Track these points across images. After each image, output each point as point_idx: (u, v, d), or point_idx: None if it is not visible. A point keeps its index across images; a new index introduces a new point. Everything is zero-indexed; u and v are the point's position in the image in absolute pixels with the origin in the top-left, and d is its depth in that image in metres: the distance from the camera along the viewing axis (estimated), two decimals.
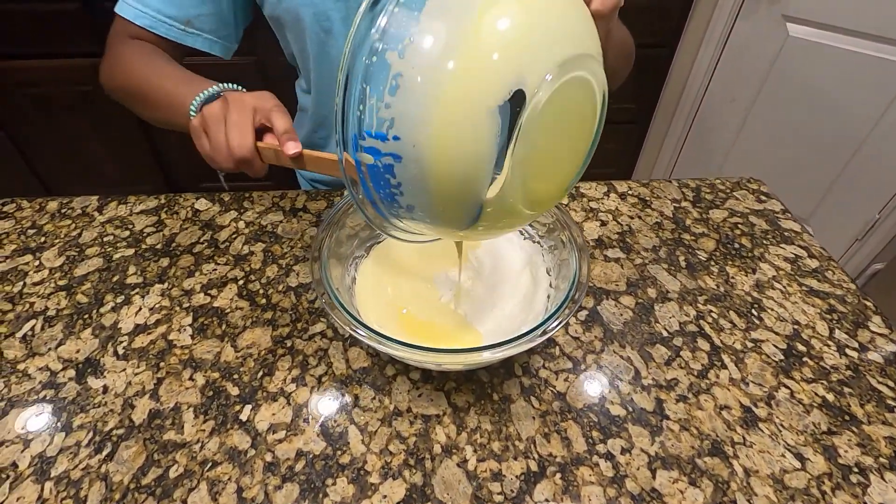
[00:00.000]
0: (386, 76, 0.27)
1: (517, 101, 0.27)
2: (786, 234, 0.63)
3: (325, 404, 0.44)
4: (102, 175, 1.58)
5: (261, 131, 0.42)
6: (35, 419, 0.43)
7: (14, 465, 0.40)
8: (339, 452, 0.41)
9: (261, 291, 0.54)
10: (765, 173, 0.77)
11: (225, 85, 0.47)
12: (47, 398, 0.44)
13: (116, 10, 0.55)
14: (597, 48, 0.33)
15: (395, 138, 0.28)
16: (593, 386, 0.46)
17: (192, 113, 0.45)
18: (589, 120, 0.35)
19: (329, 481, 0.39)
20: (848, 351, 0.50)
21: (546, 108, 0.29)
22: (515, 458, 0.41)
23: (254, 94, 0.41)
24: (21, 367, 0.47)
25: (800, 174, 1.40)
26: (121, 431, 0.42)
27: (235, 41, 0.62)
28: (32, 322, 0.50)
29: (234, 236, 0.60)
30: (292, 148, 0.39)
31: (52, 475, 0.39)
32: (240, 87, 0.47)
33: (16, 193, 0.67)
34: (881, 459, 0.42)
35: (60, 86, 1.36)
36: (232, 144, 0.38)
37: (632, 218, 0.65)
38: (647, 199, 0.68)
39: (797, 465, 0.41)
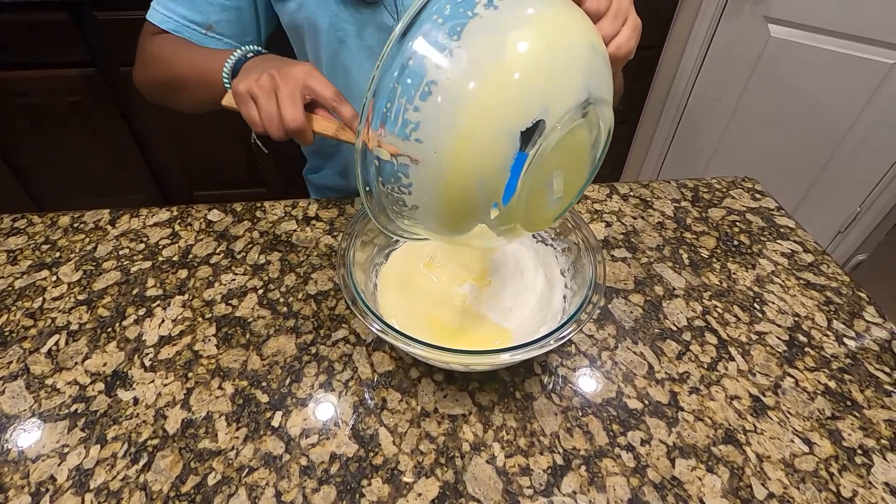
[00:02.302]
0: (420, 81, 0.29)
1: (535, 130, 0.30)
2: (781, 230, 0.66)
3: (354, 408, 0.46)
4: (94, 185, 1.56)
5: (310, 104, 0.43)
6: (69, 433, 0.43)
7: (52, 478, 0.40)
8: (371, 454, 0.43)
9: (281, 300, 0.55)
10: (750, 170, 0.81)
11: (248, 47, 0.48)
12: (78, 411, 0.45)
13: (147, 16, 0.58)
14: (611, 93, 0.35)
15: (417, 141, 0.30)
16: (610, 381, 0.48)
17: (225, 80, 0.47)
18: (590, 160, 0.38)
19: (364, 482, 0.41)
20: (846, 340, 0.53)
21: (561, 142, 0.31)
22: (541, 453, 0.43)
23: (298, 67, 0.41)
24: (49, 381, 0.47)
25: (784, 170, 1.45)
26: (155, 442, 0.43)
27: (258, 46, 0.64)
28: (56, 337, 0.51)
29: (249, 246, 0.61)
30: (349, 111, 0.40)
31: (91, 487, 0.40)
32: (261, 49, 0.49)
33: (4, 205, 0.67)
34: (882, 441, 0.44)
35: (51, 96, 1.35)
36: (286, 118, 0.40)
37: (635, 218, 0.67)
38: (649, 199, 0.71)
39: (805, 449, 0.44)
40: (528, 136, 0.30)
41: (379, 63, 0.30)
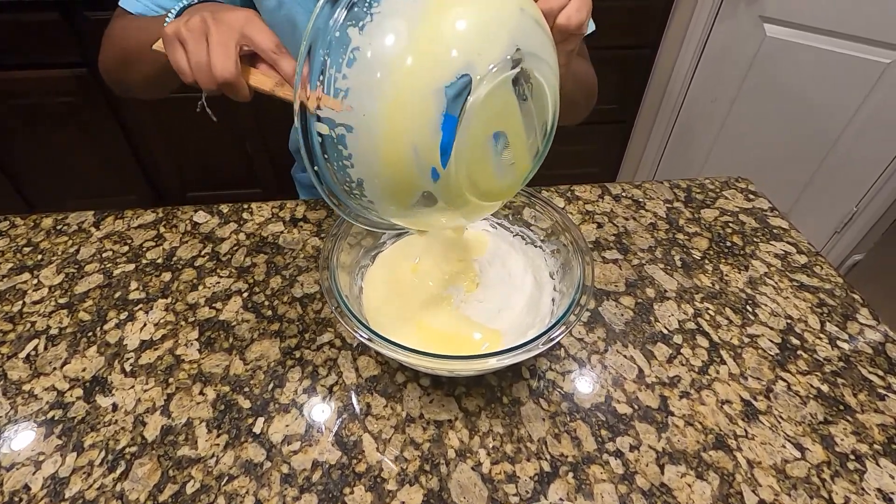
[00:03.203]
0: (346, 49, 0.30)
1: (465, 87, 0.30)
2: (774, 231, 0.66)
3: (338, 414, 0.45)
4: (87, 187, 1.55)
5: (250, 57, 0.39)
6: (45, 440, 0.42)
7: (26, 487, 0.39)
8: (354, 461, 0.42)
9: (266, 303, 0.54)
10: (746, 170, 0.80)
11: None
12: (56, 418, 0.44)
13: (119, 2, 0.56)
14: (550, 54, 0.35)
15: (350, 108, 0.30)
16: (599, 386, 0.48)
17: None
18: (539, 125, 0.37)
19: (347, 490, 0.40)
20: (839, 343, 0.52)
21: (492, 97, 0.31)
22: (528, 460, 0.42)
23: (236, 12, 0.37)
24: (27, 387, 0.46)
25: (780, 170, 1.44)
26: (133, 449, 0.42)
27: None
28: (35, 342, 0.50)
29: (235, 248, 0.60)
30: (290, 65, 0.36)
31: (66, 496, 0.39)
32: None
33: None
34: (875, 446, 0.43)
35: (42, 97, 1.34)
36: (215, 67, 0.36)
37: (627, 219, 0.66)
38: (641, 200, 0.70)
39: (797, 454, 0.43)
40: (459, 96, 0.30)
41: (305, 36, 0.30)
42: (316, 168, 0.34)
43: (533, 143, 0.38)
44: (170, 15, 0.43)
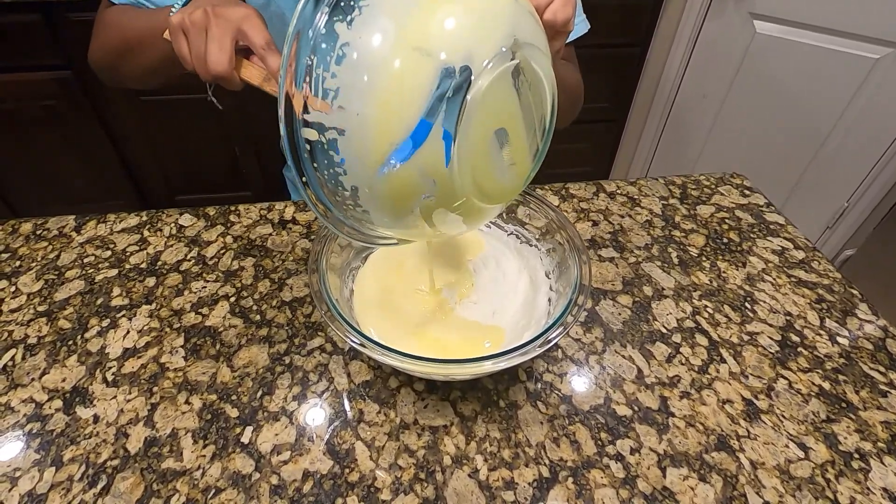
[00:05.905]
0: (333, 46, 0.28)
1: (466, 79, 0.28)
2: (771, 226, 0.65)
3: (329, 421, 0.43)
4: (72, 192, 1.52)
5: (246, 51, 0.41)
6: (22, 455, 0.40)
7: None
8: (346, 470, 0.40)
9: (254, 308, 0.52)
10: (738, 166, 0.79)
11: None
12: (34, 432, 0.42)
13: None
14: (544, 45, 0.34)
15: (340, 108, 0.28)
16: (598, 387, 0.46)
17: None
18: (538, 119, 0.35)
19: (339, 501, 0.38)
20: (839, 339, 0.51)
21: (493, 90, 0.29)
22: (527, 465, 0.41)
23: (236, 9, 0.39)
24: (3, 400, 0.44)
25: (772, 166, 1.44)
26: (115, 462, 0.40)
27: None
28: (12, 351, 0.48)
29: (222, 252, 0.58)
30: (276, 62, 0.37)
31: None
32: None
33: None
34: (879, 444, 0.43)
35: (24, 101, 1.31)
36: (210, 61, 0.38)
37: (622, 217, 0.65)
38: (636, 197, 0.69)
39: (801, 454, 0.42)
40: (460, 89, 0.28)
41: (288, 35, 0.28)
42: (305, 179, 0.33)
43: (532, 140, 0.37)
44: (176, 5, 0.43)
